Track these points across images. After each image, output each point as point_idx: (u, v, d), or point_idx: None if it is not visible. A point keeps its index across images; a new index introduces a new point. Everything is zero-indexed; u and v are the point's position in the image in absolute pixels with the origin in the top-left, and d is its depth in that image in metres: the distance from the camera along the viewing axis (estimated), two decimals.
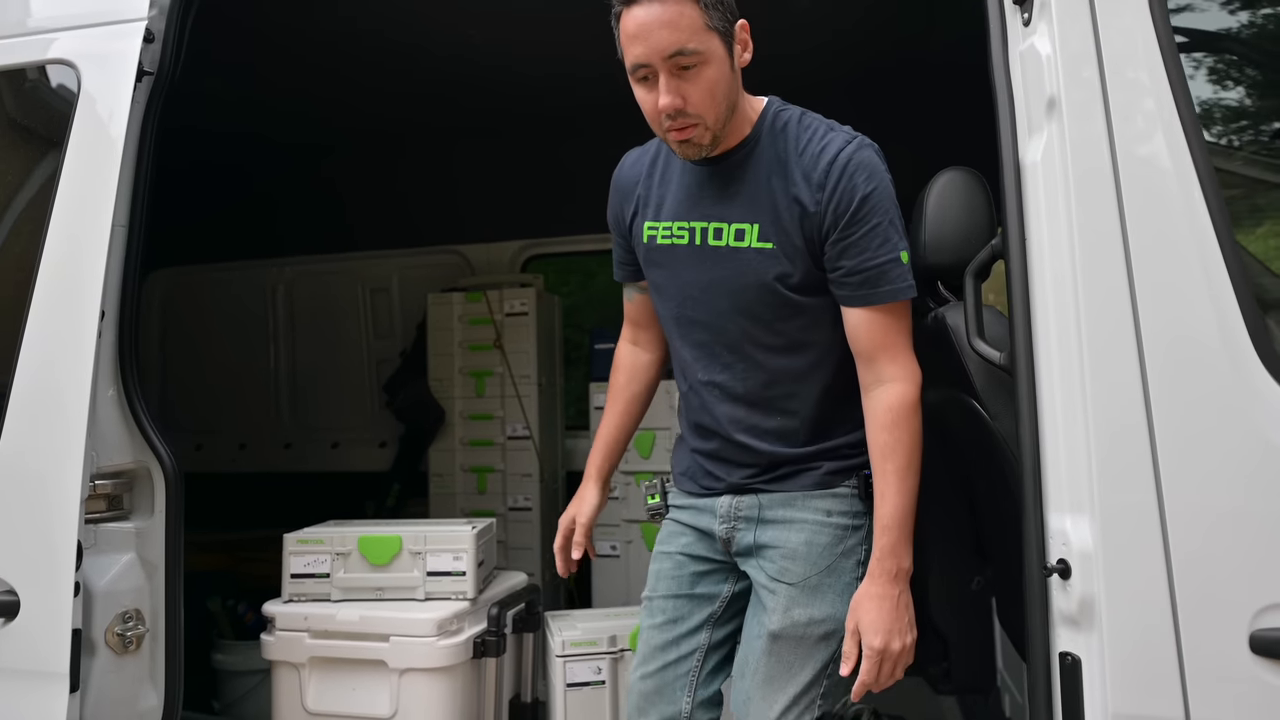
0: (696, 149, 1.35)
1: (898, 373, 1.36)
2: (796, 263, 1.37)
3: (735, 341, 1.43)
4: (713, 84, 1.29)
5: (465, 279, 3.56)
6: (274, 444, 3.90)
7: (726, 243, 1.40)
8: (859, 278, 1.34)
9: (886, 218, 1.35)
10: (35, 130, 1.75)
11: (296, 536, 2.06)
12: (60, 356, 1.52)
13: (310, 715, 1.95)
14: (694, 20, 1.26)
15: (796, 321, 1.41)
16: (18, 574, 1.46)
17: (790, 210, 1.36)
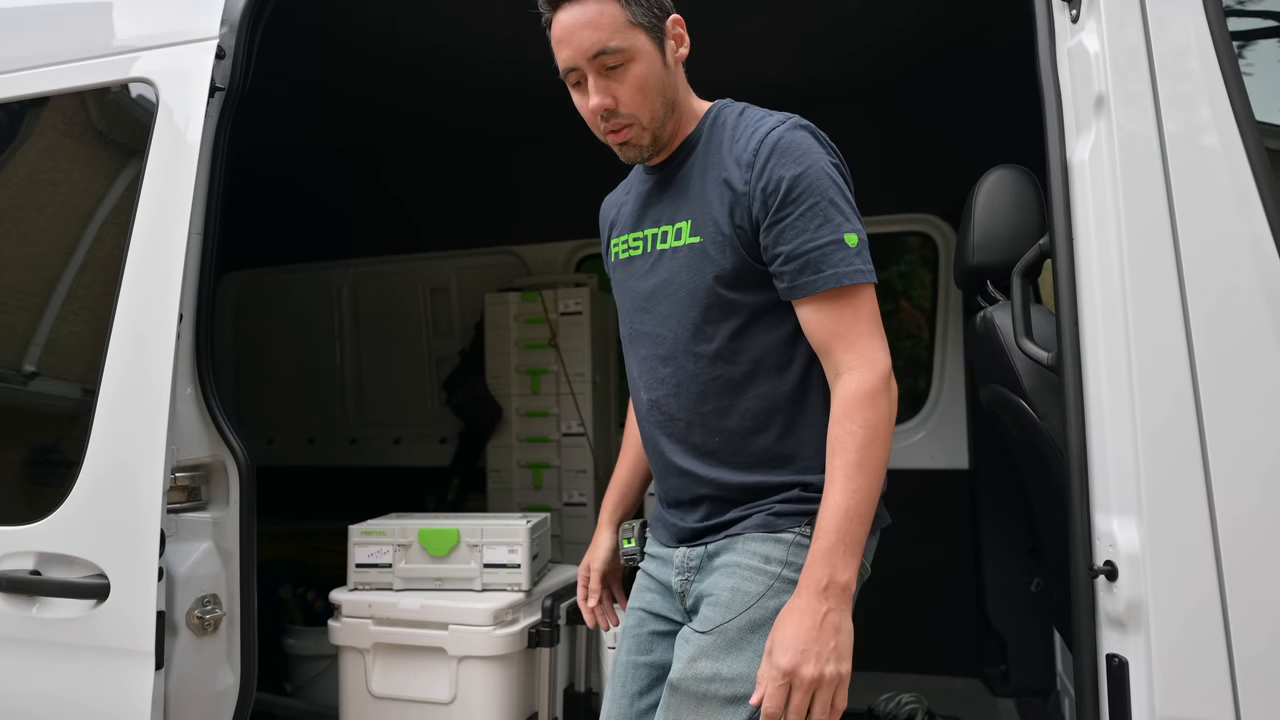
0: (637, 150, 1.30)
1: (854, 361, 1.20)
2: (725, 253, 1.25)
3: (670, 350, 1.31)
4: (642, 81, 1.24)
5: (521, 279, 3.63)
6: (340, 439, 4.04)
7: (670, 245, 1.32)
8: (797, 263, 1.20)
9: (824, 197, 1.21)
10: (118, 143, 1.86)
11: (361, 528, 2.15)
12: (143, 358, 1.61)
13: (374, 698, 2.03)
14: (615, 18, 1.22)
15: (728, 323, 1.27)
16: (108, 559, 1.57)
17: (720, 198, 1.26)
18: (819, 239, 1.20)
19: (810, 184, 1.20)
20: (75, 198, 1.86)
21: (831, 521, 1.15)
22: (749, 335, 1.27)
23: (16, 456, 1.83)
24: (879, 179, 3.21)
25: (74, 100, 1.84)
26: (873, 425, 1.17)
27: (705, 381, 1.28)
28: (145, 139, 1.70)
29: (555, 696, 2.11)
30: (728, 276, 1.25)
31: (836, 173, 1.24)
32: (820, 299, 1.21)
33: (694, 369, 1.29)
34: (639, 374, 1.38)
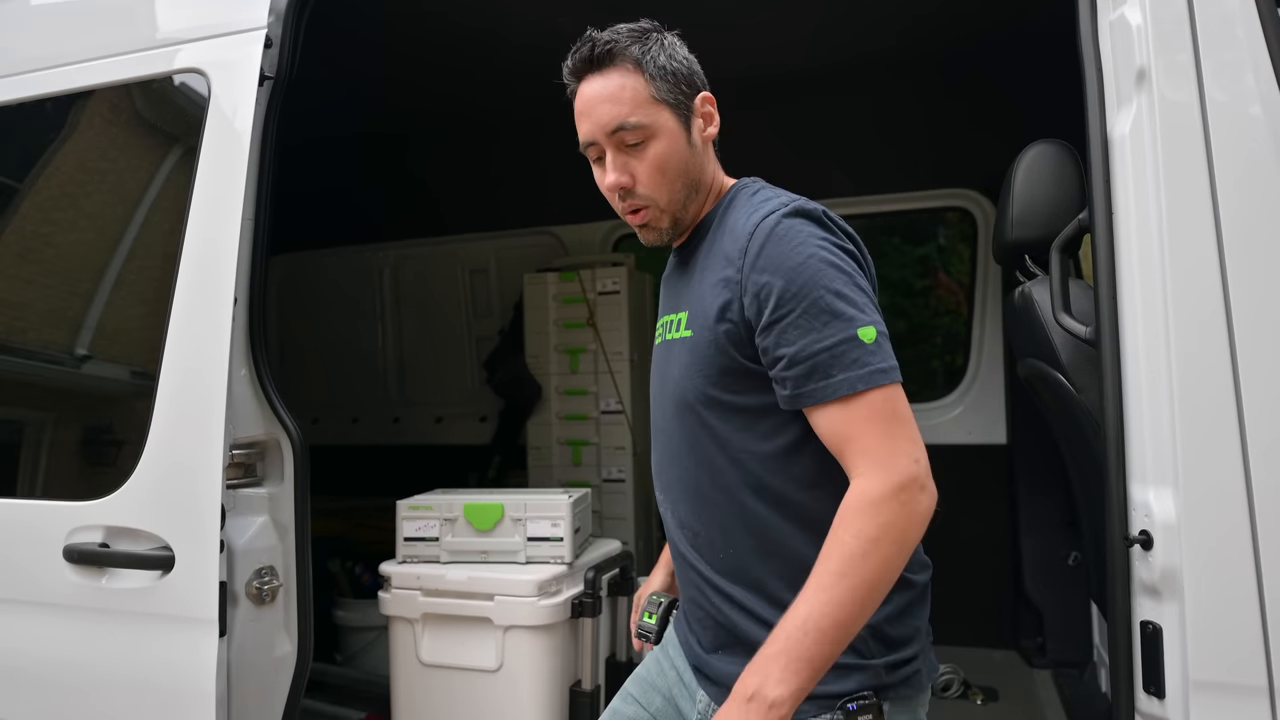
0: (655, 234, 1.22)
1: (865, 465, 1.02)
2: (713, 352, 1.12)
3: (676, 450, 1.21)
4: (661, 160, 1.16)
5: (559, 259, 3.67)
6: (383, 418, 4.14)
7: (676, 335, 1.22)
8: (803, 367, 1.04)
9: (827, 289, 1.04)
10: (171, 133, 1.92)
11: (408, 503, 2.22)
12: (201, 340, 1.68)
13: (424, 666, 2.11)
14: (637, 93, 1.15)
15: (723, 427, 1.14)
16: (173, 533, 1.64)
17: (714, 290, 1.13)
18: (827, 338, 1.03)
19: (810, 278, 1.04)
20: (130, 187, 1.93)
21: (785, 627, 0.98)
22: (747, 441, 1.12)
23: (83, 436, 1.92)
24: (919, 154, 3.20)
25: (127, 91, 1.90)
26: (868, 537, 0.98)
27: (707, 490, 1.16)
28: (199, 128, 1.76)
29: (598, 665, 2.17)
30: (715, 376, 1.13)
31: (843, 258, 1.08)
32: (831, 405, 1.04)
33: (695, 475, 1.17)
34: (656, 469, 1.29)
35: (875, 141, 3.19)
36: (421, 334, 4.08)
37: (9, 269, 1.96)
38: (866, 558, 0.98)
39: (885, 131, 3.17)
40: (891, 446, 1.02)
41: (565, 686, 2.10)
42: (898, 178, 3.26)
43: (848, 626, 0.98)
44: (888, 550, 0.98)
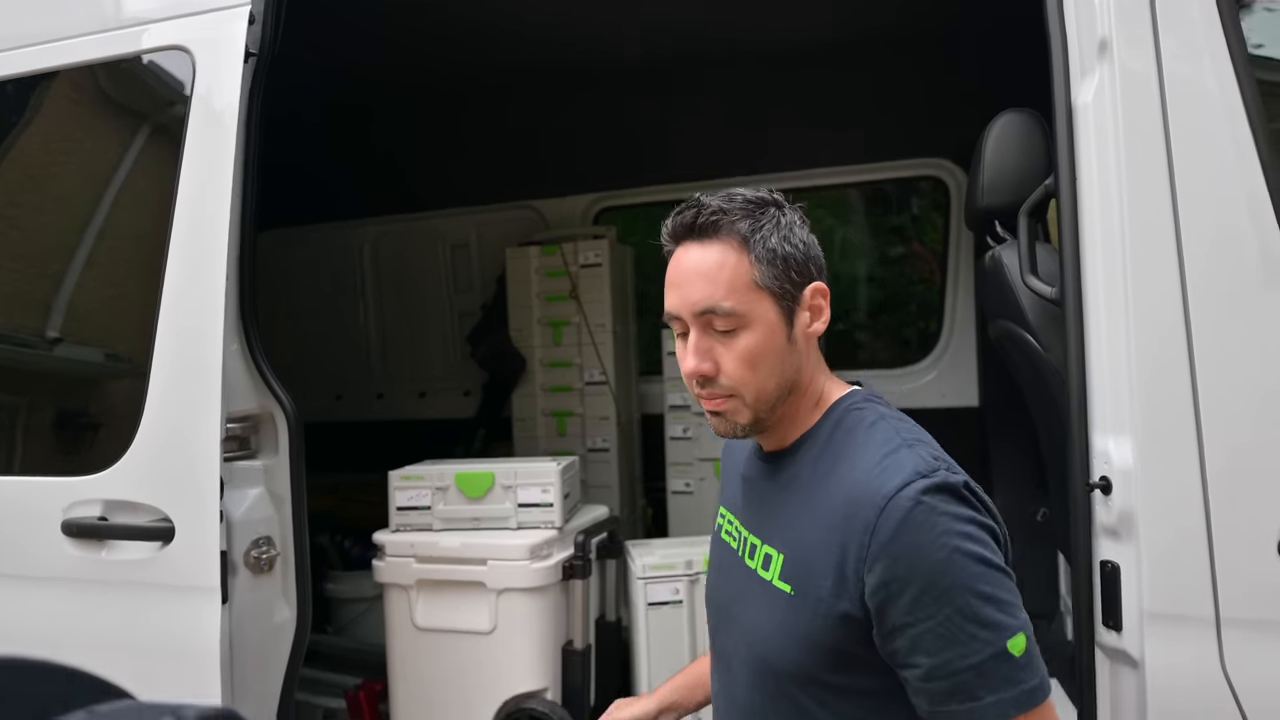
0: (730, 426, 1.05)
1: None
2: (819, 627, 0.96)
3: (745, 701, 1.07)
4: (753, 354, 1.01)
5: (540, 233, 3.70)
6: (366, 394, 4.16)
7: (757, 567, 1.07)
8: (944, 684, 0.90)
9: (974, 592, 0.89)
10: (155, 110, 1.93)
11: (400, 473, 2.26)
12: (194, 315, 1.70)
13: (419, 630, 2.17)
14: (737, 274, 1.01)
15: (810, 708, 0.99)
16: (172, 505, 1.69)
17: (826, 554, 0.97)
18: (974, 654, 0.88)
19: (955, 580, 0.89)
20: (117, 165, 1.94)
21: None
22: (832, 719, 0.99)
23: (77, 413, 1.95)
24: (891, 124, 3.25)
25: (108, 69, 1.91)
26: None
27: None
28: (184, 105, 1.77)
29: (588, 625, 2.24)
30: (826, 653, 0.97)
31: (988, 544, 0.92)
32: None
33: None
34: (716, 694, 1.17)
35: (848, 113, 3.24)
36: (403, 310, 4.10)
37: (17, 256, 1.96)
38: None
39: (858, 103, 3.21)
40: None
41: (558, 646, 2.17)
42: (872, 148, 3.32)
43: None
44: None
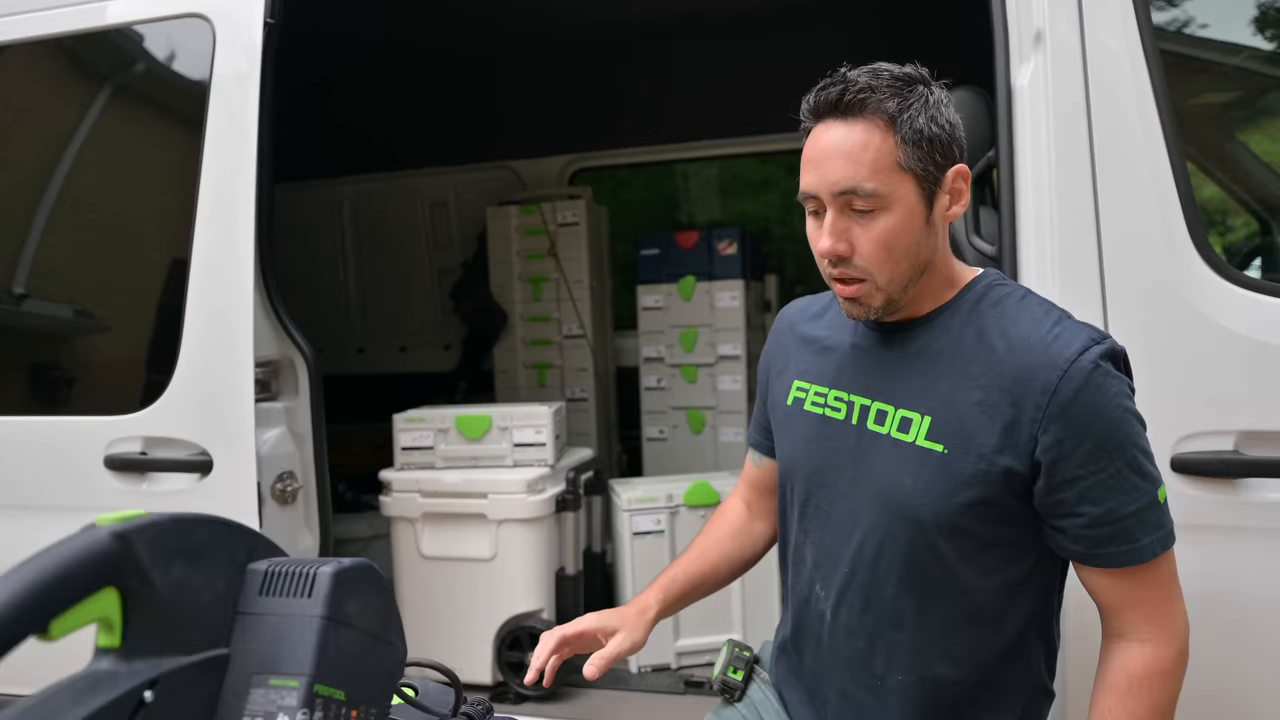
0: (863, 309, 1.07)
1: (1151, 633, 1.01)
2: (977, 482, 1.01)
3: (867, 554, 1.09)
4: (890, 236, 1.01)
5: (518, 193, 3.85)
6: (347, 349, 4.29)
7: (888, 430, 1.08)
8: (1106, 529, 0.99)
9: (1138, 448, 0.99)
10: (176, 75, 2.04)
11: (404, 416, 2.45)
12: (223, 266, 1.85)
13: (425, 559, 2.37)
14: (881, 154, 1.00)
15: (953, 553, 1.05)
16: (210, 440, 1.85)
17: (987, 414, 1.01)
18: (1134, 503, 0.99)
19: (1126, 437, 0.98)
20: (147, 127, 2.06)
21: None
22: (969, 572, 1.05)
23: (118, 356, 2.08)
24: None
25: (133, 34, 2.01)
26: (1161, 709, 1.00)
27: (906, 613, 1.08)
28: (207, 71, 1.89)
29: (578, 554, 2.47)
30: (975, 505, 1.02)
31: (1137, 408, 1.02)
32: (1126, 570, 1.01)
33: (894, 592, 1.08)
34: (815, 562, 1.17)
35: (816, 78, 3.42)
36: (383, 266, 4.22)
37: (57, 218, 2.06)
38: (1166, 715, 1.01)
39: (835, 65, 3.39)
40: (1175, 610, 1.03)
41: (551, 572, 2.39)
42: None
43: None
44: (1171, 712, 1.02)
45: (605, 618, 1.22)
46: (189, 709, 0.67)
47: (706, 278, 3.43)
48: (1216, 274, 1.41)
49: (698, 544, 1.35)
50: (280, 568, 0.74)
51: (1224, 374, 1.40)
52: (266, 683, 0.70)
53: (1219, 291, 1.41)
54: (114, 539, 0.62)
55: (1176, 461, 1.41)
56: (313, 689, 0.69)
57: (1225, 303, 1.40)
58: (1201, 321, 1.41)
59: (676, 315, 3.48)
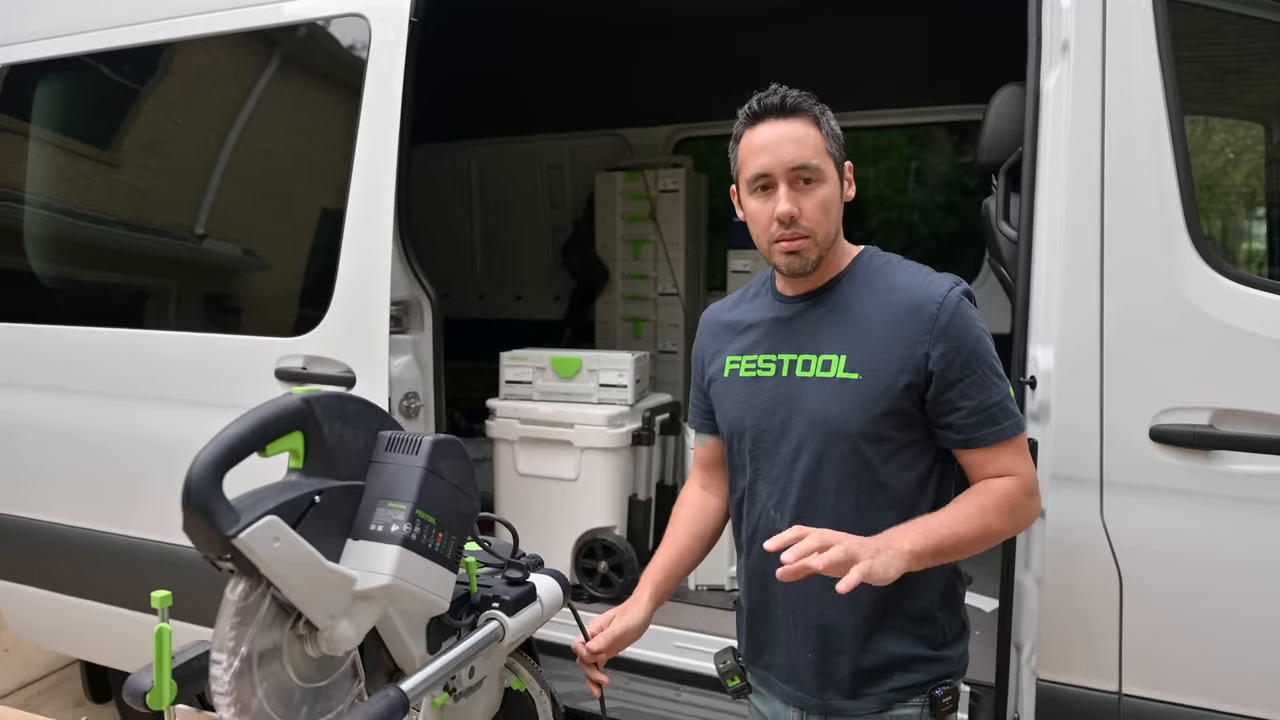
0: (803, 262, 1.34)
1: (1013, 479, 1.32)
2: (886, 396, 1.30)
3: (811, 474, 1.35)
4: (826, 202, 1.32)
5: (625, 159, 4.17)
6: (470, 294, 4.77)
7: (814, 373, 1.36)
8: (979, 417, 1.29)
9: (994, 357, 1.32)
10: (342, 65, 2.44)
11: (510, 354, 2.85)
12: (370, 221, 2.26)
13: (520, 476, 2.79)
14: (817, 142, 1.32)
15: (875, 457, 1.33)
16: (354, 360, 2.28)
17: (888, 344, 1.31)
18: (996, 396, 1.30)
19: (985, 348, 1.31)
20: (314, 103, 2.50)
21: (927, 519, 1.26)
22: (889, 470, 1.33)
23: (289, 290, 2.55)
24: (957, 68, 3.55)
25: (304, 29, 2.44)
26: (1009, 507, 1.29)
27: (844, 512, 1.33)
28: (364, 59, 2.29)
29: (650, 483, 2.82)
30: (887, 415, 1.30)
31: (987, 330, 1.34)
32: (996, 446, 1.31)
33: (833, 498, 1.34)
34: (767, 492, 1.41)
35: (907, 56, 3.53)
36: (504, 222, 4.65)
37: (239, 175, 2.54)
38: (1000, 518, 1.28)
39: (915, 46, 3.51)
40: (1032, 471, 1.35)
41: (625, 496, 2.76)
42: (933, 90, 3.63)
43: (968, 549, 1.26)
44: (1010, 526, 1.31)
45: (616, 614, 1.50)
46: (339, 513, 1.05)
47: None
48: (1206, 265, 1.59)
49: (669, 533, 1.59)
50: (399, 434, 1.12)
51: (1203, 355, 1.58)
52: (386, 505, 1.07)
53: (1205, 281, 1.58)
54: (302, 402, 1.01)
55: (1155, 432, 1.61)
56: (415, 512, 1.07)
57: (1210, 292, 1.58)
58: (1187, 307, 1.59)
59: None
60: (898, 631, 1.36)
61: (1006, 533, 1.32)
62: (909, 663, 1.37)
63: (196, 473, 0.88)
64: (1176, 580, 1.55)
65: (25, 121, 2.80)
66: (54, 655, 3.60)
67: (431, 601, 1.12)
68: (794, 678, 1.43)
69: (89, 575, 2.70)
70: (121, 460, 2.60)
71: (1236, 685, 1.59)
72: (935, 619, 1.38)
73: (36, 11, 2.79)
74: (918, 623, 1.37)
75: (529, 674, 1.37)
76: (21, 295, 2.80)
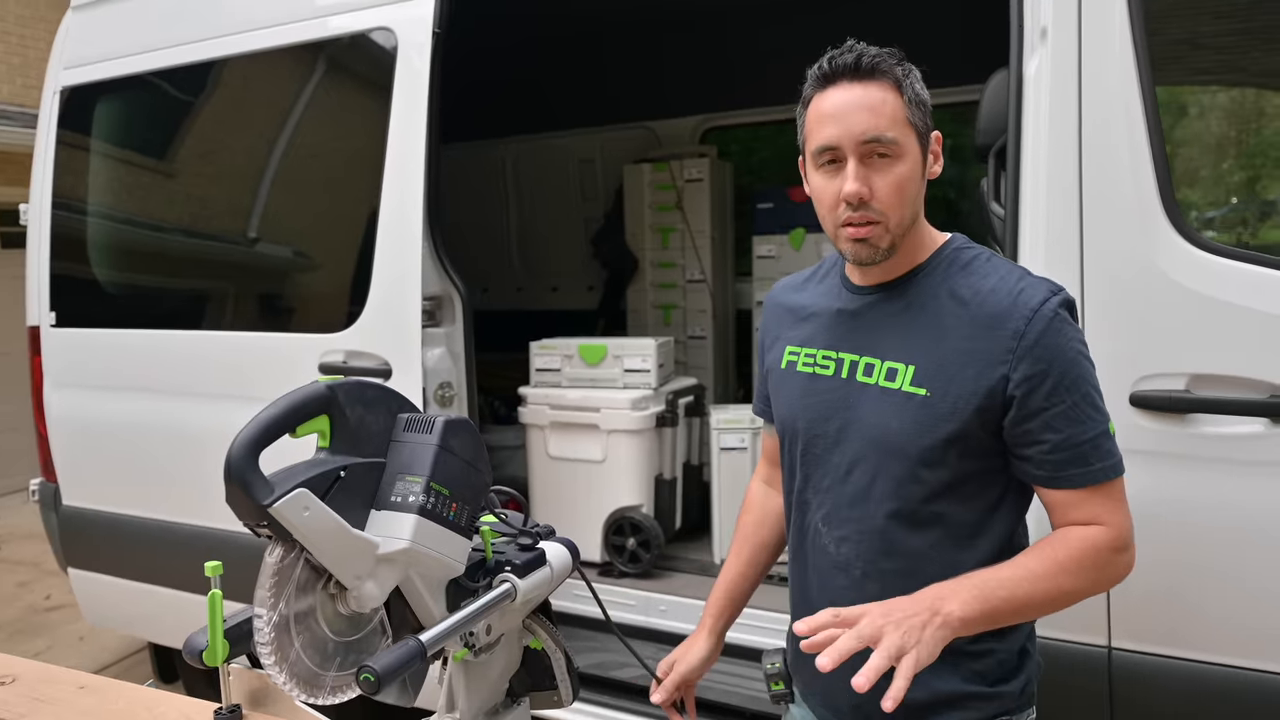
0: (872, 251, 1.18)
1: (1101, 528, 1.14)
2: (955, 419, 1.14)
3: (863, 493, 1.22)
4: (904, 181, 1.15)
5: (653, 150, 4.28)
6: (508, 287, 4.94)
7: (876, 381, 1.20)
8: (1066, 454, 1.12)
9: (1092, 386, 1.14)
10: (371, 75, 2.59)
11: (539, 344, 3.00)
12: (402, 223, 2.42)
13: (551, 459, 2.94)
14: (896, 110, 1.14)
15: (935, 484, 1.17)
16: (390, 354, 2.45)
17: (964, 358, 1.14)
18: (1089, 431, 1.13)
19: (1081, 374, 1.13)
20: (348, 111, 2.67)
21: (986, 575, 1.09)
22: (950, 502, 1.18)
23: (329, 289, 2.74)
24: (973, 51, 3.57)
25: (335, 43, 2.61)
26: (1090, 565, 1.12)
27: (898, 537, 1.20)
28: (391, 68, 2.44)
29: (675, 463, 2.95)
30: (948, 440, 1.15)
31: (1088, 352, 1.17)
32: (1084, 490, 1.14)
33: (883, 523, 1.20)
34: (816, 502, 1.29)
35: (935, 40, 3.56)
36: (538, 215, 4.81)
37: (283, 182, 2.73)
38: (1078, 577, 1.11)
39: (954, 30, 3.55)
40: (1125, 522, 1.15)
41: (651, 476, 2.89)
42: (943, 75, 3.64)
43: (1033, 612, 1.11)
44: (1089, 585, 1.13)
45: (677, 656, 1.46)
46: (363, 486, 1.20)
47: (816, 230, 3.75)
48: (1181, 237, 1.65)
49: (733, 548, 1.52)
50: (415, 416, 1.27)
51: (1179, 323, 1.65)
52: (404, 479, 1.22)
53: (1180, 252, 1.64)
54: (327, 389, 1.16)
55: (1134, 397, 1.68)
56: (430, 484, 1.21)
57: (1184, 262, 1.64)
58: (1163, 278, 1.66)
59: (788, 264, 3.84)
60: (946, 665, 1.12)
61: (1085, 593, 1.13)
62: (959, 700, 1.21)
63: (235, 451, 1.03)
64: (1156, 538, 1.62)
65: (86, 136, 3.04)
66: (126, 641, 3.89)
67: (448, 565, 1.26)
68: (830, 705, 1.31)
69: (158, 562, 2.94)
70: (184, 453, 2.82)
71: (1217, 636, 1.66)
72: (991, 651, 1.22)
73: (87, 40, 3.01)
74: (969, 656, 1.20)
75: (545, 634, 1.52)
76: (91, 301, 3.05)
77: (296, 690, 1.10)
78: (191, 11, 2.80)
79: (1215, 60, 1.76)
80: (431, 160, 2.47)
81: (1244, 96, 1.76)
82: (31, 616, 4.42)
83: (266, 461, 1.06)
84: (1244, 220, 1.75)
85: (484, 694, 1.36)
